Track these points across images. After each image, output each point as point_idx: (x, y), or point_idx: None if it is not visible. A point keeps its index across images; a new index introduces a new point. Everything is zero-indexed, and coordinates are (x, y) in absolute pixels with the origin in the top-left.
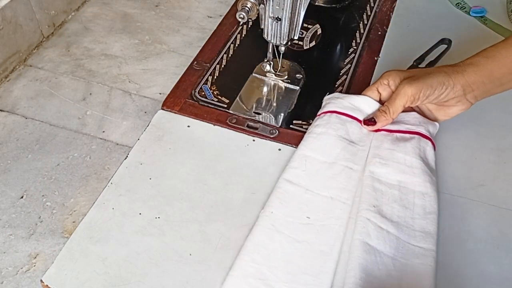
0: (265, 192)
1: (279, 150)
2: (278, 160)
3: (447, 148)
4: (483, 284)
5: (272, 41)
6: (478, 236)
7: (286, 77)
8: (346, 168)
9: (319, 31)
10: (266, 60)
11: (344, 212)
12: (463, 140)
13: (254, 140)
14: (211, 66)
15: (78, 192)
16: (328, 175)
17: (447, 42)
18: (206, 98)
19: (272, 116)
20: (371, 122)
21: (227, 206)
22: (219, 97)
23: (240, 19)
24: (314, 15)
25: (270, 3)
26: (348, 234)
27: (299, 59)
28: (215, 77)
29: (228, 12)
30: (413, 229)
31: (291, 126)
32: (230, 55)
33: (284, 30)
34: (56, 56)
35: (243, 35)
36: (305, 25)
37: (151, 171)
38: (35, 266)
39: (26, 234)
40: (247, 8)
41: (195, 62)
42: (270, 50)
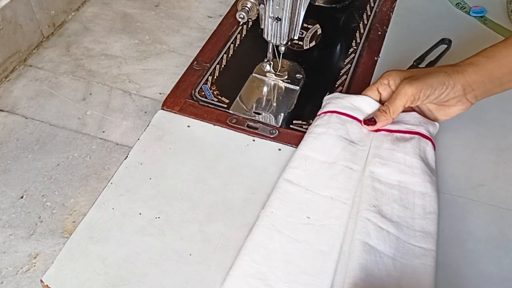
0: (265, 192)
1: (279, 150)
2: (278, 160)
3: (447, 148)
4: (483, 284)
5: (272, 41)
6: (478, 236)
7: (286, 77)
8: (346, 168)
9: (319, 31)
10: (266, 60)
11: (344, 212)
12: (463, 140)
13: (254, 140)
14: (211, 66)
15: (78, 192)
16: (328, 175)
17: (447, 42)
18: (206, 98)
19: (272, 116)
20: (371, 122)
21: (227, 206)
22: (219, 97)
23: (240, 19)
24: (314, 15)
25: (270, 3)
26: (348, 234)
27: (299, 59)
28: (215, 77)
29: (228, 12)
30: (413, 229)
31: (291, 126)
32: (230, 55)
33: (284, 30)
34: (56, 56)
35: (243, 35)
36: (305, 25)
37: (151, 171)
38: (35, 266)
39: (26, 234)
40: (247, 8)
41: (195, 62)
42: (270, 50)
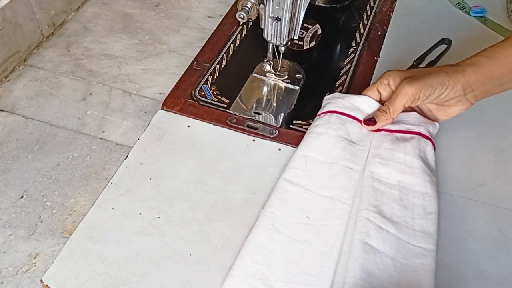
0: (265, 192)
1: (279, 150)
2: (278, 160)
3: (447, 148)
4: (483, 284)
5: (272, 41)
6: (478, 236)
7: (286, 77)
8: (346, 168)
9: (319, 31)
10: (266, 60)
11: (344, 212)
12: (463, 140)
13: (254, 140)
14: (211, 66)
15: (78, 192)
16: (328, 175)
17: (447, 42)
18: (206, 98)
19: (272, 116)
20: (371, 122)
21: (227, 206)
22: (219, 97)
23: (240, 19)
24: (314, 15)
25: (270, 3)
26: (348, 234)
27: (299, 59)
28: (215, 77)
29: (228, 12)
30: (413, 229)
31: (291, 126)
32: (230, 55)
33: (284, 30)
34: (56, 56)
35: (243, 35)
36: (305, 25)
37: (151, 171)
38: (35, 266)
39: (26, 234)
40: (247, 8)
41: (195, 62)
42: (270, 50)
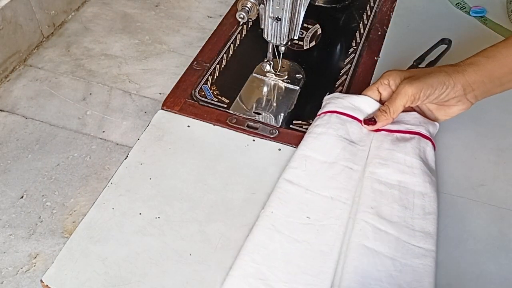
0: (265, 192)
1: (279, 150)
2: (278, 160)
3: (447, 148)
4: (483, 284)
5: (272, 41)
6: (478, 236)
7: (286, 77)
8: (346, 168)
9: (319, 31)
10: (266, 60)
11: (344, 212)
12: (463, 140)
13: (254, 140)
14: (211, 66)
15: (78, 192)
16: (328, 175)
17: (447, 42)
18: (206, 98)
19: (272, 116)
20: (372, 121)
21: (227, 206)
22: (219, 97)
23: (240, 19)
24: (314, 15)
25: (270, 3)
26: (348, 234)
27: (299, 59)
28: (215, 77)
29: (228, 12)
30: (412, 229)
31: (291, 126)
32: (230, 55)
33: (284, 30)
34: (56, 56)
35: (243, 35)
36: (305, 25)
37: (151, 171)
38: (35, 266)
39: (26, 234)
40: (247, 8)
41: (195, 62)
42: (270, 50)
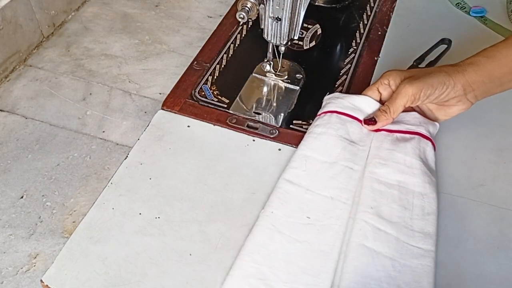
0: (265, 192)
1: (279, 150)
2: (278, 160)
3: (447, 148)
4: (483, 284)
5: (272, 41)
6: (478, 236)
7: (286, 77)
8: (347, 168)
9: (319, 31)
10: (266, 60)
11: (344, 212)
12: (463, 140)
13: (254, 140)
14: (211, 66)
15: (78, 192)
16: (328, 175)
17: (447, 42)
18: (206, 98)
19: (272, 116)
20: (372, 121)
21: (227, 206)
22: (219, 97)
23: (240, 19)
24: (314, 15)
25: (270, 3)
26: (348, 234)
27: (299, 59)
28: (215, 77)
29: (228, 12)
30: (412, 229)
31: (291, 126)
32: (230, 55)
33: (284, 30)
34: (56, 56)
35: (243, 35)
36: (305, 25)
37: (151, 171)
38: (35, 266)
39: (26, 234)
40: (247, 8)
41: (195, 62)
42: (270, 50)
